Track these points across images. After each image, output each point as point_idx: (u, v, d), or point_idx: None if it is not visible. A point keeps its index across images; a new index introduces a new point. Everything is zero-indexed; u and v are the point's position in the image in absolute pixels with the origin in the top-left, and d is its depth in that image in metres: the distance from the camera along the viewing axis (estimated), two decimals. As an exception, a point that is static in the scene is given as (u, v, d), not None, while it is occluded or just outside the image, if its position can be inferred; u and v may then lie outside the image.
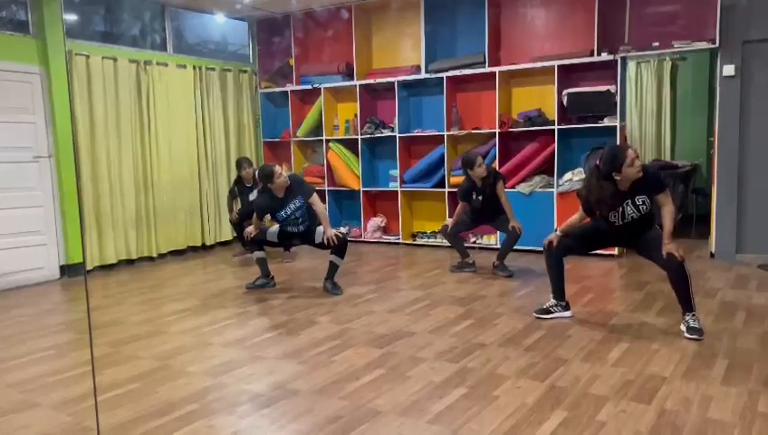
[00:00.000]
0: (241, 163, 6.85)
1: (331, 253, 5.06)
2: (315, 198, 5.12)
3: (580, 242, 4.14)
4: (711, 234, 6.03)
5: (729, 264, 5.70)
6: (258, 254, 5.28)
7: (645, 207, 3.77)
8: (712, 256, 5.97)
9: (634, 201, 3.77)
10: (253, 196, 6.67)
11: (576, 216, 4.11)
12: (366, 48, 7.57)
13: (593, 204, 3.89)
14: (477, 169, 5.38)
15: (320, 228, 5.10)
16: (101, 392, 3.08)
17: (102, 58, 6.35)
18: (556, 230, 4.18)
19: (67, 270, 6.11)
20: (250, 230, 5.23)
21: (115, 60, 6.46)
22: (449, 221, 5.81)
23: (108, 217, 6.41)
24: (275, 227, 5.28)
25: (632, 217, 3.80)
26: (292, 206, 5.08)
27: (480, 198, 5.48)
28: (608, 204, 3.80)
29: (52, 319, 4.72)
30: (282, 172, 5.07)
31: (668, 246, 3.70)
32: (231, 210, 6.93)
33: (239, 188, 6.90)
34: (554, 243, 4.09)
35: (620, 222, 3.85)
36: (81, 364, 3.56)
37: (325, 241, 5.00)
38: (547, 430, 2.56)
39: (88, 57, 6.21)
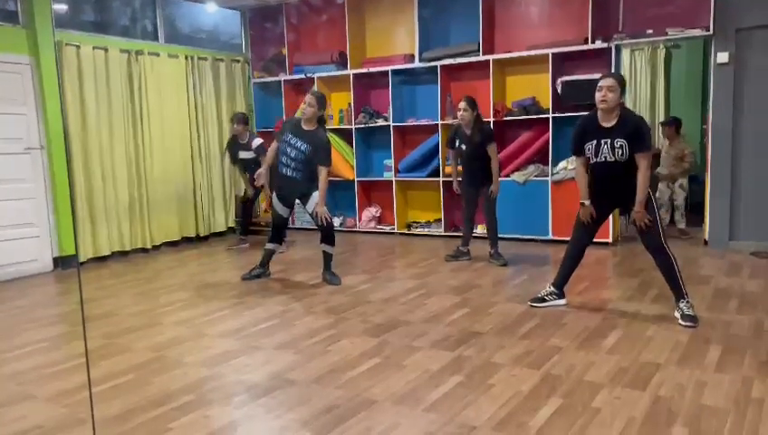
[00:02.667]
0: (239, 118, 6.64)
1: (321, 241, 5.05)
2: (324, 171, 4.89)
3: (589, 228, 4.07)
4: (704, 221, 6.05)
5: (722, 251, 5.73)
6: (270, 245, 5.26)
7: (622, 151, 3.68)
8: (705, 243, 6.00)
9: (612, 142, 3.71)
10: (247, 154, 6.59)
11: (578, 172, 4.04)
12: (359, 37, 7.53)
13: (578, 136, 3.90)
14: (458, 114, 5.40)
15: (315, 194, 4.96)
16: (96, 384, 3.08)
17: (93, 48, 6.28)
18: (583, 204, 4.01)
19: (60, 262, 6.08)
20: (262, 171, 5.21)
21: (106, 50, 6.40)
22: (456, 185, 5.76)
23: (101, 208, 6.38)
24: (276, 200, 5.16)
25: (606, 157, 3.73)
26: (299, 144, 4.88)
27: (463, 147, 5.44)
28: (587, 134, 3.81)
29: (46, 311, 4.70)
30: (313, 102, 4.87)
31: (636, 214, 3.70)
32: (245, 182, 6.74)
33: (234, 148, 6.71)
34: (593, 214, 3.99)
35: (597, 159, 3.77)
36: (75, 356, 3.55)
37: (313, 214, 4.98)
38: (542, 418, 2.57)
39: (78, 47, 6.15)
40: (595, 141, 3.77)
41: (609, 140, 3.72)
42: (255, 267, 5.32)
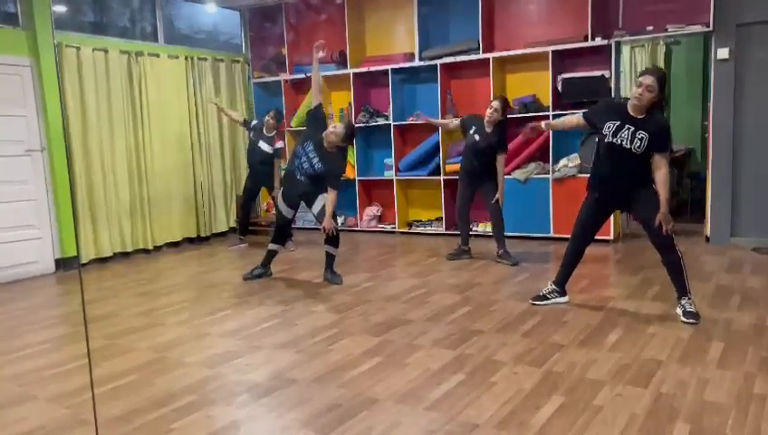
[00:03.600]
0: (277, 113, 6.81)
1: (325, 242, 5.05)
2: (332, 193, 4.87)
3: (591, 226, 4.04)
4: (706, 218, 6.04)
5: (724, 247, 5.72)
6: (273, 246, 5.28)
7: (640, 144, 3.63)
8: (707, 239, 5.99)
9: (634, 133, 3.63)
10: (266, 147, 6.64)
11: (572, 117, 4.03)
12: (359, 36, 7.52)
13: (601, 109, 3.88)
14: (488, 110, 5.35)
15: (321, 196, 4.97)
16: (98, 385, 3.08)
17: (93, 50, 6.29)
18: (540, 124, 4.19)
19: (62, 264, 6.09)
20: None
21: (106, 51, 6.40)
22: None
23: (102, 209, 6.38)
24: (281, 200, 5.19)
25: (622, 142, 3.67)
26: (315, 161, 4.86)
27: (476, 137, 5.39)
28: (613, 113, 3.75)
29: (48, 313, 4.70)
30: (340, 133, 4.85)
31: (662, 215, 3.63)
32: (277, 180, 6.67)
33: (257, 136, 6.70)
34: (535, 128, 4.12)
35: (613, 140, 3.71)
36: (77, 357, 3.55)
37: (317, 215, 5.00)
38: (544, 416, 2.57)
39: (78, 49, 6.15)
40: (619, 122, 3.68)
41: (632, 128, 3.66)
42: (257, 267, 5.32)
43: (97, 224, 6.35)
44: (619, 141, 3.70)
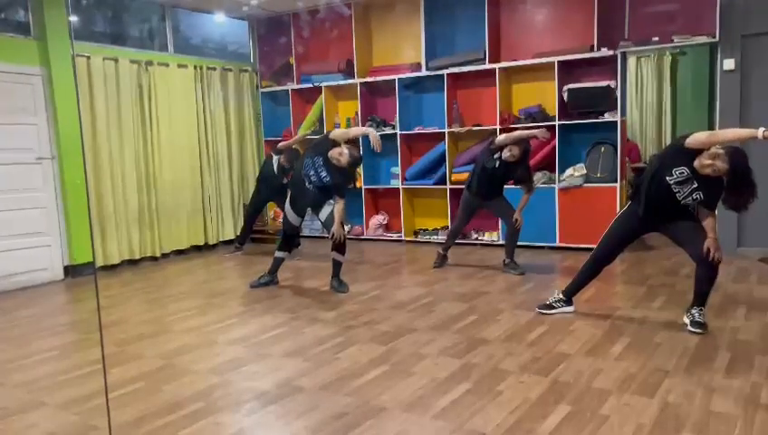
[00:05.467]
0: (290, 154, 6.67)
1: (332, 249, 5.08)
2: (341, 202, 4.93)
3: (620, 242, 4.00)
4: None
5: (730, 257, 5.70)
6: (280, 253, 5.31)
7: (693, 198, 3.54)
8: (713, 250, 5.97)
9: (693, 188, 3.52)
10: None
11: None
12: (366, 46, 7.58)
13: (666, 157, 3.66)
14: (506, 152, 5.21)
15: (328, 204, 5.02)
16: (108, 391, 3.10)
17: (103, 59, 6.36)
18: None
19: (71, 271, 6.13)
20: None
21: (116, 61, 6.47)
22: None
23: (111, 217, 6.43)
24: (288, 207, 5.21)
25: (679, 191, 3.56)
26: (324, 174, 4.88)
27: (497, 164, 5.30)
28: (687, 161, 3.50)
29: (57, 320, 4.74)
30: (347, 157, 4.82)
31: (711, 241, 3.57)
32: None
33: (272, 170, 6.71)
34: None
35: (671, 180, 3.55)
36: (86, 364, 3.58)
37: (325, 223, 5.06)
38: (551, 425, 2.58)
39: (89, 58, 6.23)
40: (687, 172, 3.51)
41: (697, 185, 3.52)
42: (264, 275, 5.35)
43: (105, 231, 6.40)
44: (677, 189, 3.57)
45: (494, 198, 5.53)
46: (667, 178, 3.59)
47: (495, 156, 5.32)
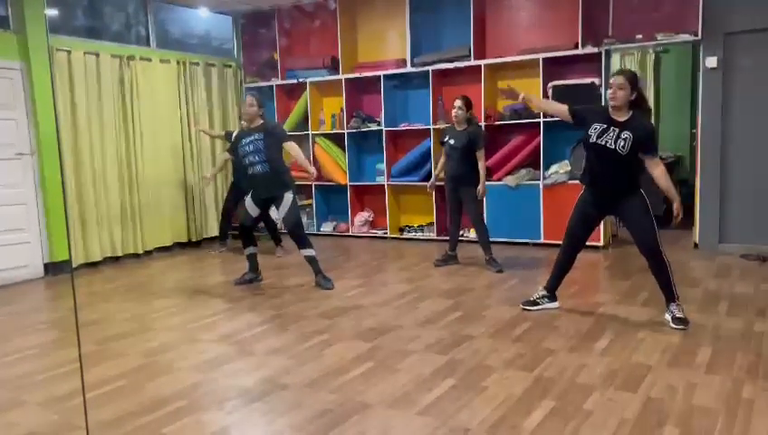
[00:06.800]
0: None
1: (299, 249, 5.10)
2: (292, 145, 5.02)
3: (582, 229, 4.06)
4: (694, 224, 6.10)
5: (712, 254, 5.78)
6: (250, 250, 5.27)
7: (624, 144, 3.66)
8: (696, 246, 6.04)
9: (619, 134, 3.69)
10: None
11: (557, 104, 4.10)
12: (351, 42, 7.55)
13: (588, 110, 3.98)
14: (452, 111, 5.45)
15: (287, 198, 4.97)
16: (89, 390, 3.06)
17: (84, 53, 6.27)
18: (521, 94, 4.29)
19: (51, 268, 6.04)
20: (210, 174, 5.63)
21: (97, 55, 6.38)
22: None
23: (92, 214, 6.35)
24: (249, 199, 5.17)
25: (607, 143, 3.71)
26: (253, 138, 4.93)
27: (452, 141, 5.41)
28: (599, 116, 3.82)
29: (37, 317, 4.67)
30: (253, 102, 4.97)
31: (676, 209, 3.67)
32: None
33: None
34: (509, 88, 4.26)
35: (598, 141, 3.75)
36: (67, 362, 3.53)
37: (282, 220, 5.08)
38: (535, 420, 2.59)
39: (69, 52, 6.13)
40: (605, 126, 3.75)
41: (617, 130, 3.71)
42: (247, 272, 5.31)
43: (87, 228, 6.31)
44: (604, 142, 3.74)
45: (464, 183, 5.44)
46: (591, 139, 3.79)
47: (446, 138, 5.51)
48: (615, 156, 3.71)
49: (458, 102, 5.42)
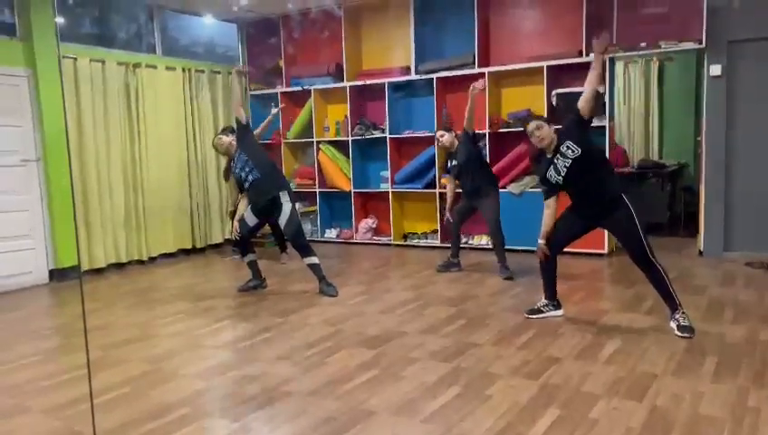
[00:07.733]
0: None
1: (301, 257, 5.11)
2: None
3: (564, 236, 4.10)
4: (699, 232, 6.08)
5: (717, 261, 5.76)
6: (249, 257, 5.28)
7: (572, 151, 3.80)
8: (700, 253, 6.03)
9: (562, 152, 3.84)
10: None
11: (546, 213, 4.09)
12: (356, 49, 7.58)
13: (539, 170, 4.06)
14: (440, 142, 5.66)
15: (286, 208, 5.02)
16: (93, 396, 3.05)
17: (90, 61, 6.31)
18: (540, 243, 4.10)
19: (56, 274, 6.06)
20: (236, 225, 5.32)
21: (103, 62, 6.42)
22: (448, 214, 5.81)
23: (97, 220, 6.37)
24: (248, 210, 5.20)
25: (566, 166, 3.82)
26: (240, 157, 5.09)
27: (454, 162, 5.53)
28: (545, 163, 3.95)
29: (41, 323, 4.68)
30: (223, 141, 5.38)
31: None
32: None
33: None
34: (548, 254, 4.08)
35: (560, 176, 3.87)
36: (70, 369, 3.54)
37: (284, 229, 5.12)
38: (540, 429, 2.58)
39: (75, 60, 6.17)
40: (552, 164, 3.90)
41: (557, 155, 3.86)
42: (251, 279, 5.32)
43: (91, 234, 6.33)
44: (564, 169, 3.85)
45: (481, 194, 5.48)
46: (553, 180, 3.93)
47: (452, 163, 5.60)
48: (578, 167, 3.80)
49: (438, 133, 5.67)
